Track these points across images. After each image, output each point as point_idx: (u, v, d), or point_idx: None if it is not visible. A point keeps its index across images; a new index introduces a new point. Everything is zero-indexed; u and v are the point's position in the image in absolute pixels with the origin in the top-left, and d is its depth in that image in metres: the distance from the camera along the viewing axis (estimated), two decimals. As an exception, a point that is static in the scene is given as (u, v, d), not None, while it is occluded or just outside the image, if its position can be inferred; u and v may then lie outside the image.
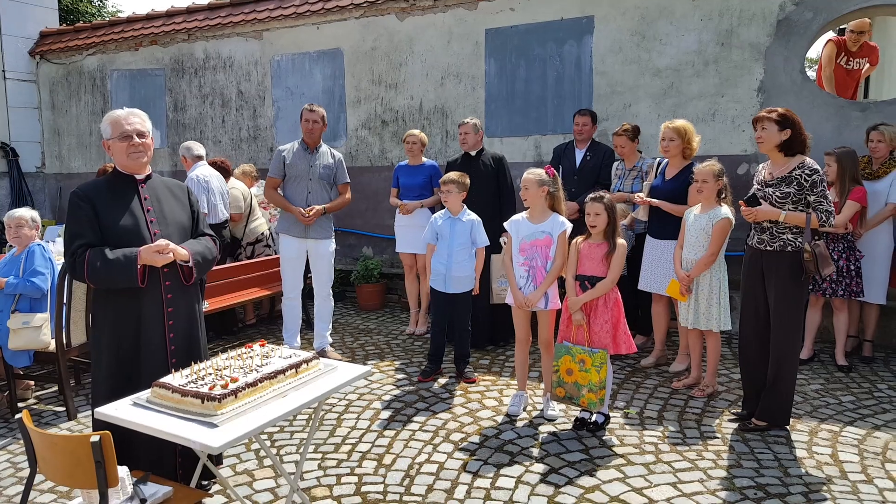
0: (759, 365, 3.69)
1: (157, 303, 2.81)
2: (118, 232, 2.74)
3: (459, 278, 4.51)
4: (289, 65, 7.66)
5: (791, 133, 3.50)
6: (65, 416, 4.08)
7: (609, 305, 3.71)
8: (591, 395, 3.61)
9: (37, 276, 4.00)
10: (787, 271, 3.52)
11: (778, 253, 3.54)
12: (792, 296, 3.55)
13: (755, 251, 3.67)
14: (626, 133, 5.04)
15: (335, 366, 2.69)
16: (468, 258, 4.51)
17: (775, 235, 3.55)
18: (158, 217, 2.88)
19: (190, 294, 2.96)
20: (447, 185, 4.49)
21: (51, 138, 9.51)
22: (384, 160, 7.25)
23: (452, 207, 4.53)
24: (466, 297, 4.56)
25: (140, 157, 2.83)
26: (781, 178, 3.54)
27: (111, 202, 2.79)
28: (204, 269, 2.97)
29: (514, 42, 6.47)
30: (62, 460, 2.03)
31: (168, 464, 2.81)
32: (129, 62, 8.70)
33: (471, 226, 4.51)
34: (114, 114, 2.84)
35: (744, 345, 3.79)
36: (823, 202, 3.45)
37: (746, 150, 5.62)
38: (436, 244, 4.57)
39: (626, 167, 5.14)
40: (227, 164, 6.19)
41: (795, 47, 5.44)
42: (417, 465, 3.35)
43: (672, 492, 3.05)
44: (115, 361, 2.77)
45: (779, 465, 3.29)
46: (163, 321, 2.82)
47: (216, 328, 5.78)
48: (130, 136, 2.79)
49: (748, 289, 3.72)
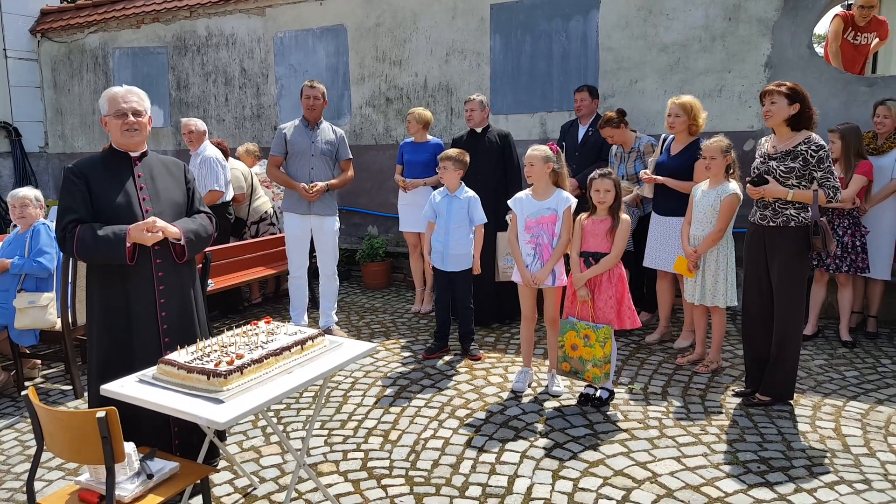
0: (763, 340, 3.69)
1: (148, 281, 2.79)
2: (110, 208, 2.75)
3: (457, 256, 4.50)
4: (292, 42, 7.59)
5: (800, 107, 3.46)
6: (72, 395, 4.12)
7: (613, 281, 3.70)
8: (595, 370, 3.62)
9: (42, 255, 4.01)
10: (790, 247, 3.51)
11: (781, 228, 3.52)
12: (795, 271, 3.53)
13: (758, 227, 3.65)
14: (608, 124, 4.92)
15: (341, 342, 2.69)
16: (466, 236, 4.50)
17: (778, 211, 3.53)
18: (151, 195, 2.86)
19: (183, 273, 2.92)
20: (444, 161, 4.46)
21: (53, 117, 9.48)
22: (389, 138, 7.21)
23: (450, 185, 4.50)
24: (466, 275, 4.56)
25: (134, 136, 2.82)
26: (786, 153, 3.51)
27: (105, 179, 2.79)
28: (198, 248, 2.93)
29: (519, 17, 6.37)
30: (69, 436, 2.05)
31: (164, 438, 2.81)
32: (132, 40, 8.63)
33: (468, 203, 4.49)
34: (111, 91, 2.83)
35: (747, 321, 3.79)
36: (830, 178, 3.43)
37: (753, 125, 5.56)
38: (435, 222, 4.56)
39: (624, 150, 5.08)
40: (226, 145, 6.13)
41: (803, 22, 5.35)
42: (423, 441, 3.38)
43: (676, 466, 3.07)
44: (106, 339, 2.79)
45: (782, 439, 3.30)
46: (154, 300, 2.81)
47: (222, 307, 5.80)
48: (125, 113, 2.78)
49: (751, 265, 3.71)
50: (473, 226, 4.52)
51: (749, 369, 3.82)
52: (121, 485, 2.12)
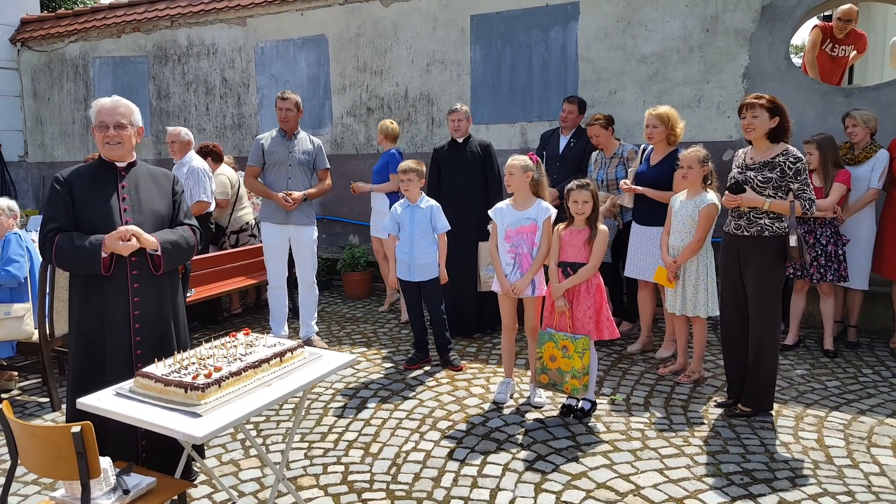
0: (742, 350, 3.72)
1: (122, 293, 2.75)
2: (89, 218, 2.73)
3: (423, 266, 4.50)
4: (273, 52, 7.57)
5: (779, 120, 3.51)
6: (49, 408, 4.04)
7: (591, 291, 3.71)
8: (574, 382, 3.62)
9: (11, 264, 3.95)
10: (765, 256, 3.54)
11: (755, 238, 3.56)
12: (770, 280, 3.57)
13: (732, 237, 3.68)
14: (597, 122, 4.99)
15: (320, 354, 2.67)
16: (430, 244, 4.51)
17: (752, 220, 3.57)
18: (134, 206, 2.83)
19: (161, 284, 2.87)
20: (408, 174, 4.45)
21: (33, 127, 9.35)
22: (370, 147, 7.20)
23: (412, 196, 4.51)
24: (434, 283, 4.56)
25: (115, 149, 2.80)
26: (764, 164, 3.55)
27: (88, 189, 2.78)
28: (176, 260, 2.88)
29: (499, 28, 6.42)
30: (43, 451, 2.01)
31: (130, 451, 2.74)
32: (112, 49, 8.55)
33: (430, 212, 4.50)
34: (98, 102, 2.83)
35: (725, 330, 3.82)
36: (806, 190, 3.49)
37: (731, 136, 5.63)
38: (398, 234, 4.55)
39: (605, 156, 5.12)
40: (219, 148, 6.17)
41: (780, 33, 5.45)
42: (404, 454, 3.35)
43: (659, 478, 3.07)
44: (82, 352, 2.76)
45: (765, 450, 3.32)
46: (128, 311, 2.76)
47: (202, 317, 5.74)
48: (107, 126, 2.77)
49: (727, 275, 3.74)
50: (437, 234, 4.53)
51: (730, 379, 3.84)
52: (96, 500, 2.08)
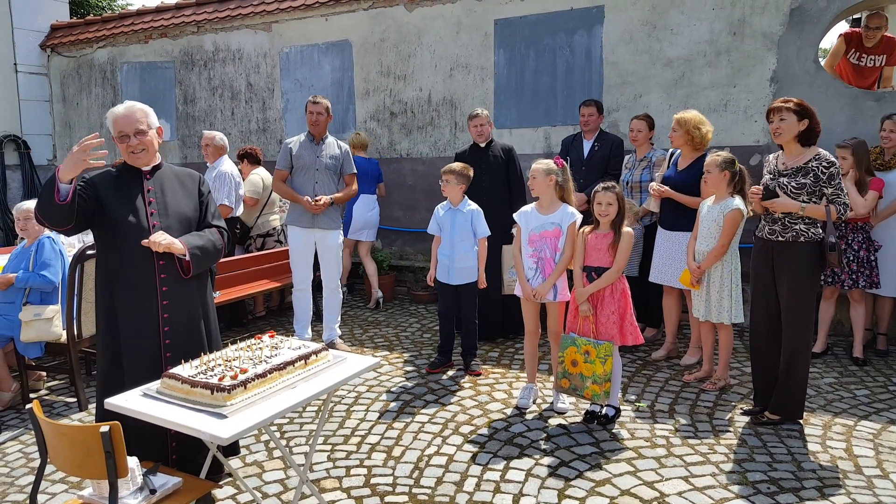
0: (771, 358, 3.65)
1: (152, 296, 2.78)
2: (118, 222, 2.75)
3: (462, 269, 4.49)
4: (297, 57, 7.65)
5: (808, 123, 3.45)
6: (76, 407, 4.11)
7: (616, 296, 3.67)
8: (594, 387, 3.58)
9: (47, 268, 4.02)
10: (800, 262, 3.48)
11: (790, 244, 3.49)
12: (804, 287, 3.50)
13: (766, 242, 3.62)
14: (646, 118, 5.02)
15: (344, 357, 2.68)
16: (470, 249, 4.49)
17: (787, 226, 3.51)
18: (160, 209, 2.85)
19: (190, 286, 2.89)
20: (446, 175, 4.47)
21: (62, 131, 9.56)
22: (393, 152, 7.23)
23: (452, 198, 4.50)
24: (471, 288, 4.54)
25: (140, 156, 2.83)
26: (797, 169, 3.49)
27: (114, 193, 2.79)
28: (204, 263, 2.89)
29: (523, 32, 6.41)
30: (72, 451, 2.03)
31: (161, 452, 2.78)
32: (139, 55, 8.71)
33: (471, 216, 4.49)
34: (112, 112, 2.83)
35: (755, 338, 3.75)
36: (840, 195, 3.42)
37: (759, 140, 5.55)
38: (440, 235, 4.55)
39: (636, 158, 5.10)
40: (257, 151, 6.35)
41: (809, 36, 5.36)
42: (427, 458, 3.34)
43: (684, 486, 3.02)
44: (110, 353, 2.78)
45: (792, 459, 3.26)
46: (157, 314, 2.79)
47: (227, 320, 5.80)
48: (127, 135, 2.79)
49: (758, 281, 3.68)
50: (477, 238, 4.52)
51: (757, 387, 3.78)
52: (123, 500, 2.10)
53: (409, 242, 7.24)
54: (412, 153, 7.13)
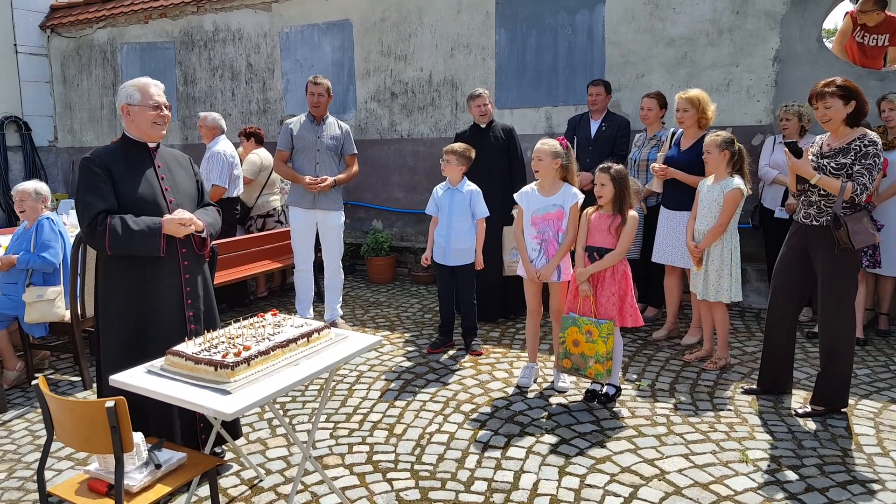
0: (784, 343, 3.64)
1: (175, 272, 2.83)
2: (135, 200, 2.73)
3: (459, 250, 4.48)
4: (298, 37, 7.58)
5: (856, 104, 3.27)
6: (80, 386, 4.14)
7: (617, 278, 3.67)
8: (597, 366, 3.60)
9: (46, 249, 4.02)
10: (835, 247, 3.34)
11: (826, 227, 3.35)
12: (842, 271, 3.38)
13: (800, 226, 3.50)
14: (657, 97, 5.01)
15: (346, 335, 2.69)
16: (468, 230, 4.48)
17: (822, 210, 3.37)
18: (171, 186, 2.89)
19: (203, 263, 3.00)
20: (448, 155, 4.45)
21: (63, 112, 9.52)
22: (393, 132, 7.20)
23: (451, 178, 4.49)
24: (468, 269, 4.54)
25: (163, 128, 2.85)
26: (839, 150, 3.33)
27: (126, 170, 2.77)
28: (212, 239, 3.03)
29: (525, 12, 6.35)
30: (78, 426, 2.06)
31: (190, 432, 2.87)
32: (139, 35, 8.65)
33: (470, 196, 4.47)
34: (141, 81, 2.82)
35: (772, 321, 3.70)
36: (865, 175, 3.23)
37: (761, 120, 5.52)
38: (437, 216, 4.55)
39: (646, 136, 5.08)
40: (262, 132, 6.36)
41: (812, 15, 5.31)
42: (428, 435, 3.38)
43: (684, 463, 3.05)
44: (128, 330, 2.77)
45: (792, 437, 3.28)
46: (181, 289, 2.85)
47: (229, 300, 5.82)
48: (159, 105, 2.80)
49: (786, 265, 3.58)
50: (475, 219, 4.51)
51: (764, 369, 3.77)
52: (129, 474, 2.13)
53: (410, 223, 7.24)
54: (413, 134, 7.10)
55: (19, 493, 2.94)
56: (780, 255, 3.66)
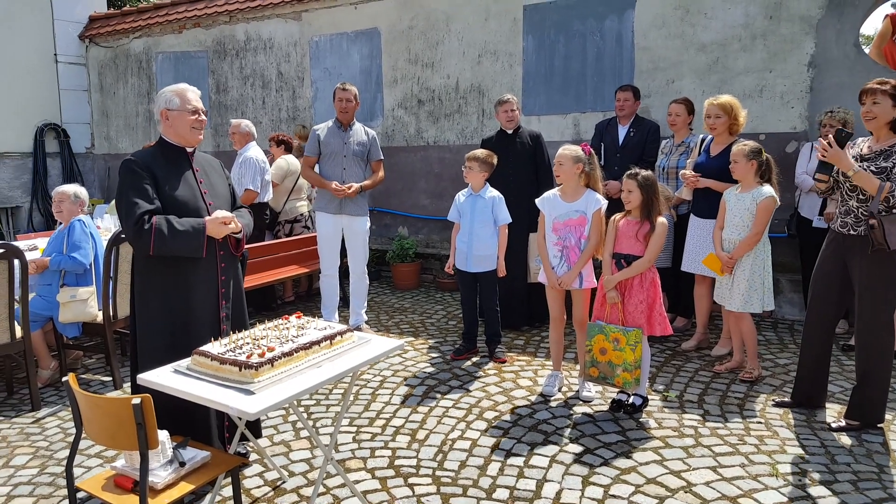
0: (820, 354, 3.54)
1: (213, 272, 2.89)
2: (176, 202, 2.79)
3: (481, 257, 4.46)
4: (327, 45, 7.68)
5: None
6: (111, 386, 4.22)
7: (645, 285, 3.62)
8: (625, 375, 3.55)
9: (77, 250, 4.11)
10: (875, 257, 3.24)
11: (863, 237, 3.26)
12: (880, 283, 3.27)
13: (837, 235, 3.41)
14: (685, 102, 4.95)
15: (369, 339, 2.70)
16: (490, 236, 4.46)
17: (860, 218, 3.28)
18: (210, 189, 2.96)
19: (237, 264, 3.06)
20: (470, 161, 4.44)
21: (99, 119, 9.78)
22: (420, 140, 7.23)
23: (474, 184, 4.48)
24: (491, 276, 4.51)
25: (201, 133, 2.92)
26: (880, 152, 3.24)
27: (167, 172, 2.83)
28: (245, 241, 3.09)
29: (553, 18, 6.33)
30: (105, 422, 2.09)
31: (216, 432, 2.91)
32: (174, 45, 8.85)
33: (492, 202, 4.45)
34: (180, 87, 2.89)
35: (808, 332, 3.60)
36: None
37: (796, 127, 5.40)
38: (459, 222, 4.54)
39: (673, 143, 5.01)
40: (290, 139, 6.48)
41: (849, 19, 5.19)
42: (450, 442, 3.36)
43: (712, 475, 2.98)
44: (167, 331, 2.81)
45: (825, 452, 3.18)
46: (217, 290, 2.91)
47: (257, 304, 5.89)
48: (198, 111, 2.88)
49: (823, 276, 3.49)
50: (498, 226, 4.49)
51: (799, 381, 3.66)
52: (154, 471, 2.16)
53: (436, 230, 7.25)
54: (439, 141, 7.12)
55: (50, 488, 3.00)
56: (816, 266, 3.57)
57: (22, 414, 3.82)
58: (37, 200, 9.25)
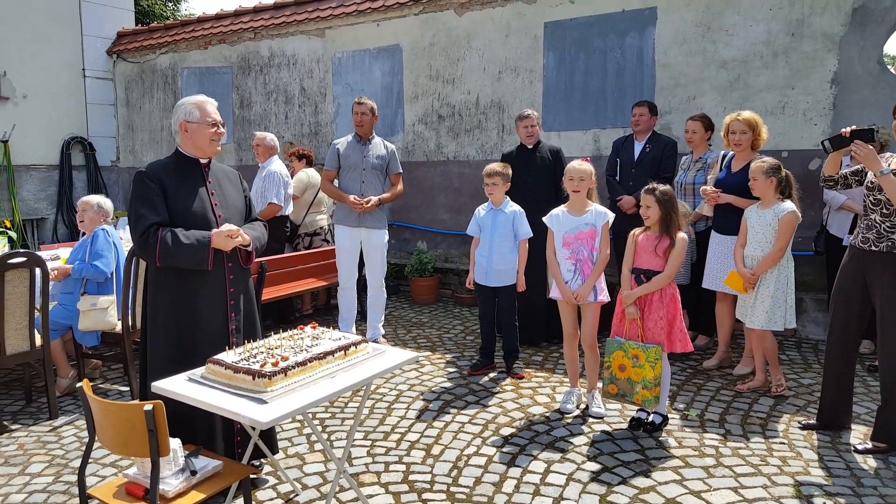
0: (844, 374, 3.45)
1: (221, 285, 2.88)
2: (186, 214, 2.80)
3: (501, 271, 4.43)
4: (349, 61, 7.77)
5: None
6: (128, 396, 4.24)
7: (665, 301, 3.56)
8: (645, 392, 3.47)
9: (99, 259, 4.16)
10: (894, 274, 3.18)
11: (885, 254, 3.20)
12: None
13: (857, 251, 3.35)
14: (701, 119, 4.91)
15: (383, 350, 2.68)
16: (510, 251, 4.43)
17: (882, 234, 3.21)
18: (221, 201, 2.95)
19: (248, 276, 3.05)
20: (493, 178, 4.42)
21: (125, 133, 9.97)
22: (440, 155, 7.25)
23: (495, 199, 4.46)
24: (510, 290, 4.48)
25: (218, 144, 2.95)
26: None
27: (178, 184, 2.85)
28: (258, 253, 3.07)
29: (573, 35, 6.34)
30: (118, 428, 2.09)
31: (227, 442, 2.89)
32: (199, 60, 9.02)
33: (513, 217, 4.43)
34: (199, 99, 2.91)
35: (831, 351, 3.51)
36: None
37: (818, 144, 5.32)
38: (479, 236, 4.52)
39: (691, 159, 4.97)
40: (310, 153, 6.56)
41: (872, 37, 5.12)
42: (466, 457, 3.31)
43: (733, 496, 2.90)
44: (173, 342, 2.82)
45: (851, 474, 3.08)
46: (225, 302, 2.89)
47: (275, 317, 5.91)
48: (216, 123, 2.90)
49: (843, 292, 3.42)
50: (518, 240, 4.46)
51: (824, 402, 3.56)
52: (165, 479, 2.15)
53: (455, 245, 7.24)
54: (459, 156, 7.14)
55: (64, 496, 3.00)
56: (836, 283, 3.49)
57: (40, 422, 3.86)
58: (62, 212, 9.42)
